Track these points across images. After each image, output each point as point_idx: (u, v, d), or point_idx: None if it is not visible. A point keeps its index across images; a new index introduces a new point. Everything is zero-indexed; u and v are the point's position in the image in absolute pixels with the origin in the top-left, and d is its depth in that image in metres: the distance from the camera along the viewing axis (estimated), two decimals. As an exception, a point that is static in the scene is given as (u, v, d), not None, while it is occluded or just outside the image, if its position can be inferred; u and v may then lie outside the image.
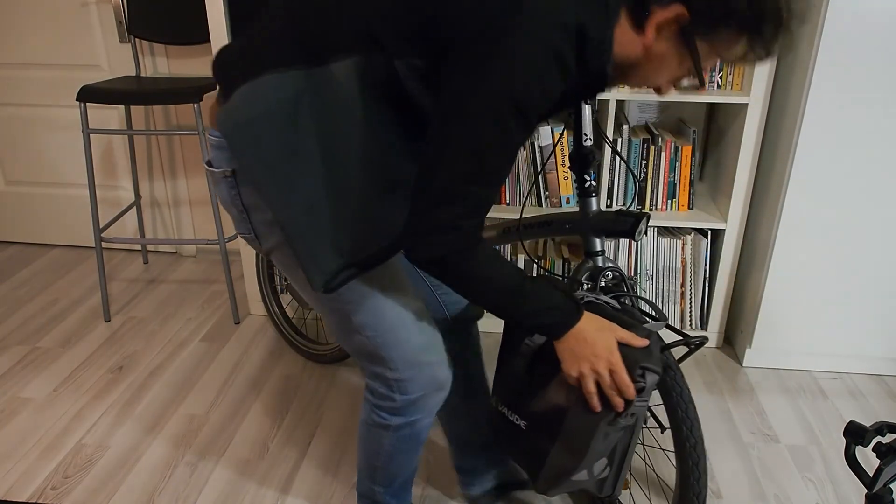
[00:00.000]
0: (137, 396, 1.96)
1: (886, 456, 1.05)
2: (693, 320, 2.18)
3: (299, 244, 0.98)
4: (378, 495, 1.35)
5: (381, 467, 1.29)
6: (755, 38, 0.92)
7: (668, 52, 0.95)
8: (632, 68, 0.99)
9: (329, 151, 0.96)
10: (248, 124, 0.94)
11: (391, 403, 1.18)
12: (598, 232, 1.38)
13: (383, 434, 1.23)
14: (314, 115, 0.95)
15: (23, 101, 2.66)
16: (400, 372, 1.14)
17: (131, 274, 2.70)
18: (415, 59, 0.93)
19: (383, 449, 1.25)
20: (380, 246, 1.02)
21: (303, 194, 0.97)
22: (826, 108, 1.76)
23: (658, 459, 1.72)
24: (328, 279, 1.00)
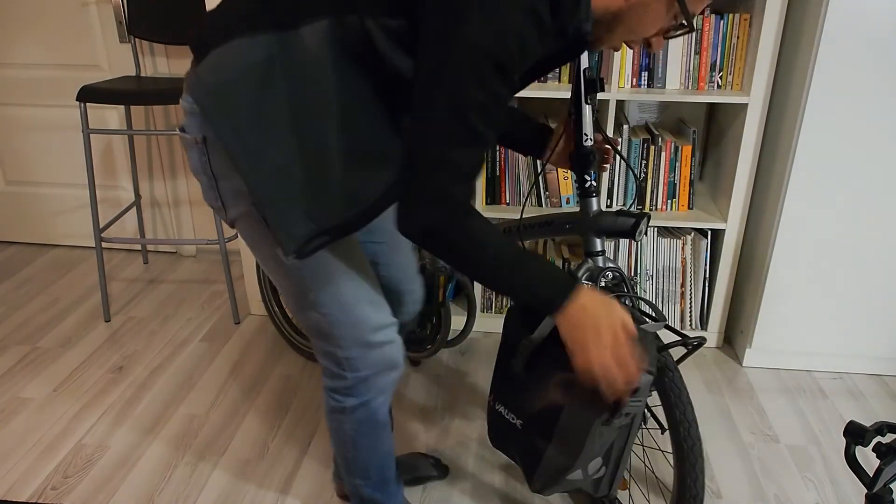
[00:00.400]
0: (137, 396, 1.96)
1: (886, 456, 1.05)
2: (693, 320, 2.18)
3: (270, 210, 0.97)
4: (361, 489, 1.36)
5: (351, 458, 1.31)
6: None
7: None
8: (615, 20, 0.96)
9: (301, 117, 0.95)
10: (218, 89, 0.94)
11: (343, 383, 1.20)
12: (598, 232, 1.38)
13: (342, 419, 1.25)
14: (285, 80, 0.93)
15: (23, 101, 2.67)
16: (350, 350, 1.15)
17: (131, 274, 2.70)
18: (388, 18, 0.91)
19: (347, 436, 1.27)
20: (353, 213, 1.00)
21: (274, 159, 0.95)
22: (826, 108, 1.76)
23: (657, 460, 1.72)
24: (299, 245, 0.99)
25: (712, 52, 1.92)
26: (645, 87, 1.97)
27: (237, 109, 0.94)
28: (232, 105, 0.94)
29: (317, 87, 0.94)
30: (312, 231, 0.99)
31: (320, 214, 0.99)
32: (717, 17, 1.89)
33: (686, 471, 1.28)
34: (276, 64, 0.93)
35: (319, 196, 0.98)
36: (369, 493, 1.36)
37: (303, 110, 0.94)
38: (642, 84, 1.97)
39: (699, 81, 1.96)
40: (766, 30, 1.80)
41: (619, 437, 1.21)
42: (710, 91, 1.94)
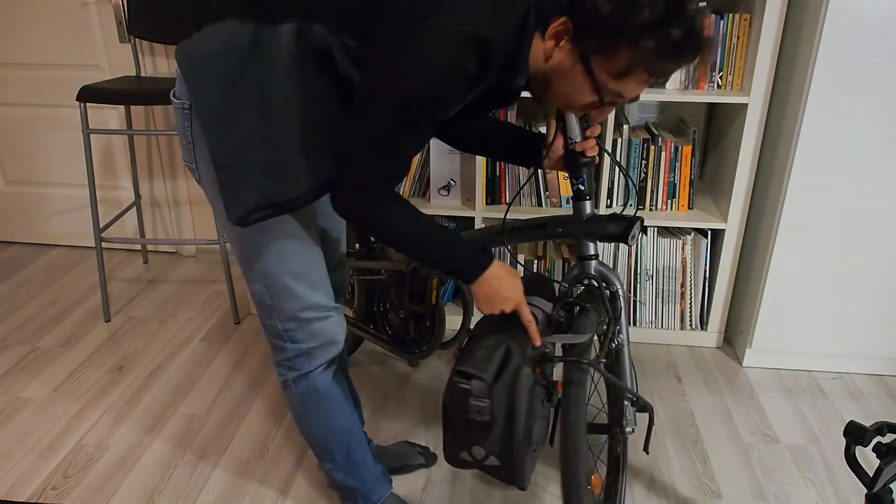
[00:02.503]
0: (137, 396, 1.96)
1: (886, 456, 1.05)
2: (693, 320, 2.18)
3: (224, 175, 1.07)
4: (332, 474, 1.40)
5: (309, 437, 1.36)
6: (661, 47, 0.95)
7: (566, 63, 1.01)
8: (545, 81, 1.06)
9: (266, 100, 1.04)
10: (200, 58, 1.05)
11: (285, 355, 1.28)
12: (590, 236, 1.38)
13: (290, 395, 1.32)
14: (259, 66, 1.04)
15: (23, 101, 2.66)
16: (288, 323, 1.23)
17: (131, 274, 2.70)
18: (346, 38, 1.02)
19: (298, 412, 1.34)
20: (299, 192, 1.09)
21: (237, 131, 1.05)
22: (826, 108, 1.76)
23: (659, 462, 1.72)
24: (243, 213, 1.08)
25: (712, 52, 1.92)
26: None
27: (213, 80, 1.04)
28: (209, 75, 1.04)
29: (283, 78, 1.04)
30: (258, 203, 1.08)
31: (268, 189, 1.08)
32: (717, 17, 1.89)
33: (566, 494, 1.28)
34: (253, 50, 1.03)
35: (270, 173, 1.07)
36: (341, 477, 1.38)
37: (269, 95, 1.05)
38: (642, 84, 1.97)
39: (699, 81, 1.96)
40: (766, 30, 1.80)
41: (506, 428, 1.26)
42: (710, 91, 1.94)
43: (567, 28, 0.98)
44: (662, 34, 0.93)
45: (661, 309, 2.18)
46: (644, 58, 0.95)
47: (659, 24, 0.93)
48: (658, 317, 2.19)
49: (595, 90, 1.01)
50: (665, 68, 0.98)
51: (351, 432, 1.37)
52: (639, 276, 2.14)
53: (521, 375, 1.27)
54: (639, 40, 0.93)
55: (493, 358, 1.24)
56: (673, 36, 0.94)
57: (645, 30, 0.93)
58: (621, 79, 0.99)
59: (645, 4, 0.92)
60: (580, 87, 1.02)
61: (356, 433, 1.38)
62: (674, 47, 0.95)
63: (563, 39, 0.99)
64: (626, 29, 0.93)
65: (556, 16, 0.98)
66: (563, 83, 1.04)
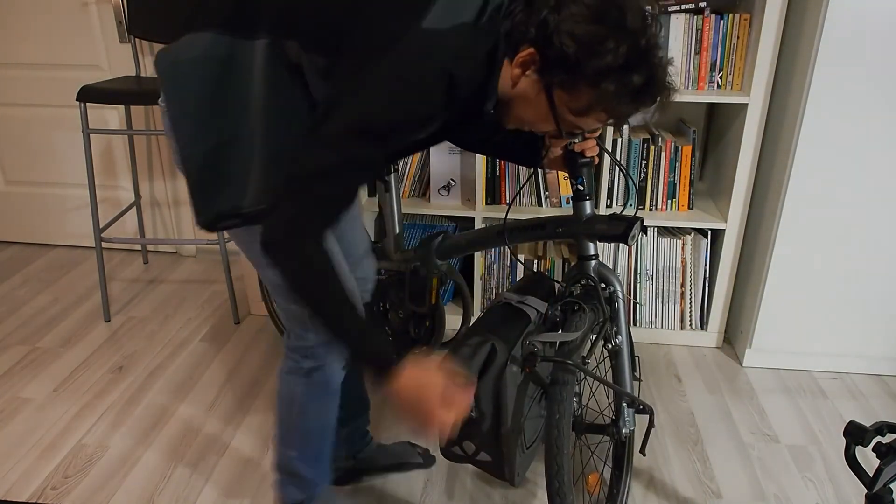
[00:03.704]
0: (137, 396, 1.96)
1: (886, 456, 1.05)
2: (693, 320, 2.18)
3: (192, 180, 1.08)
4: (293, 463, 1.36)
5: (294, 425, 1.33)
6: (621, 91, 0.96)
7: (530, 92, 1.03)
8: (510, 105, 1.07)
9: (238, 112, 1.05)
10: (179, 64, 1.06)
11: (304, 343, 1.24)
12: (590, 236, 1.38)
13: (296, 381, 1.28)
14: (233, 78, 1.05)
15: (23, 101, 2.66)
16: None
17: (131, 274, 2.70)
18: (316, 55, 1.03)
19: (296, 400, 1.30)
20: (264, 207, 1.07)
21: (208, 139, 1.06)
22: (826, 108, 1.77)
23: (657, 464, 1.72)
24: (210, 220, 1.09)
25: (712, 52, 1.92)
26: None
27: (188, 87, 1.06)
28: (185, 82, 1.06)
29: (256, 93, 1.05)
30: (226, 211, 1.08)
31: (235, 199, 1.08)
32: (717, 17, 1.89)
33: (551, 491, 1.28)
34: (230, 62, 1.05)
35: (238, 184, 1.07)
36: (301, 467, 1.36)
37: (241, 108, 1.05)
38: (642, 84, 1.97)
39: (699, 81, 1.96)
40: (766, 30, 1.80)
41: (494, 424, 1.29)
42: (710, 91, 1.94)
43: (534, 59, 0.99)
44: (623, 79, 0.96)
45: (661, 309, 2.18)
46: (604, 99, 0.97)
47: (621, 69, 0.95)
48: (658, 317, 2.19)
49: (555, 121, 1.04)
50: (623, 111, 1.00)
51: (333, 430, 1.37)
52: (639, 276, 2.14)
53: (506, 373, 1.27)
54: (600, 82, 0.96)
55: (477, 355, 1.26)
56: (634, 82, 0.96)
57: (607, 73, 0.95)
58: (580, 116, 1.02)
59: (608, 49, 0.94)
60: (541, 116, 1.05)
61: (335, 431, 1.38)
62: (633, 92, 0.97)
63: (530, 69, 1.01)
64: (589, 70, 0.95)
65: (524, 45, 0.99)
66: (525, 109, 1.06)
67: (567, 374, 1.26)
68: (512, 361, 1.29)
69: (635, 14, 0.95)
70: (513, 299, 1.42)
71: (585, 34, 0.94)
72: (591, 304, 1.39)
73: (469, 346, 1.28)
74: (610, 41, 0.94)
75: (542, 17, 0.96)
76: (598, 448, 1.74)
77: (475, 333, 1.31)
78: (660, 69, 0.98)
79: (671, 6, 1.89)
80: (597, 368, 2.01)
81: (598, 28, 0.94)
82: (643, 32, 0.96)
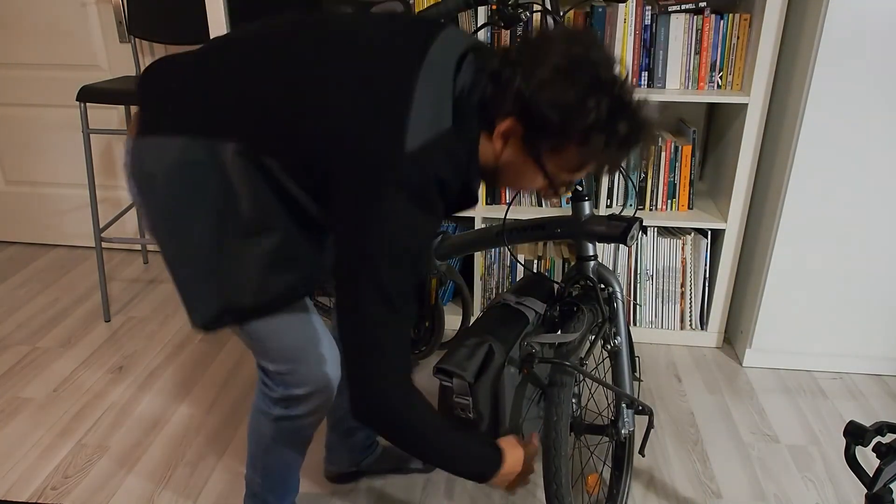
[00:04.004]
0: (137, 396, 1.96)
1: (886, 456, 1.05)
2: (693, 320, 2.18)
3: (182, 286, 1.08)
4: (257, 487, 1.37)
5: (261, 458, 1.32)
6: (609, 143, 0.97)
7: (516, 160, 1.02)
8: (497, 174, 1.06)
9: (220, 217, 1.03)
10: (153, 176, 1.03)
11: (272, 393, 1.22)
12: (589, 237, 1.38)
13: (265, 423, 1.26)
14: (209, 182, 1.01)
15: (23, 101, 2.66)
16: (278, 364, 1.17)
17: (131, 274, 2.70)
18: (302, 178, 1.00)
19: (264, 439, 1.29)
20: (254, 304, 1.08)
21: (190, 246, 1.05)
22: (826, 108, 1.76)
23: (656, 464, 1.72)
24: (207, 321, 1.08)
25: (712, 52, 1.92)
26: (645, 87, 1.97)
27: (166, 197, 1.03)
28: (162, 193, 1.03)
29: (236, 195, 1.02)
30: (217, 310, 1.08)
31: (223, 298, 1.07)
32: (717, 17, 1.89)
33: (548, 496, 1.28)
34: (204, 167, 1.01)
35: (226, 285, 1.06)
36: (264, 493, 1.37)
37: (222, 212, 1.03)
38: (642, 84, 1.97)
39: (699, 81, 1.96)
40: (766, 30, 1.80)
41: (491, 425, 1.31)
42: (710, 91, 1.94)
43: (516, 129, 0.99)
44: (610, 131, 0.96)
45: (661, 309, 2.18)
46: (594, 154, 0.99)
47: (606, 123, 0.96)
48: (658, 317, 2.19)
49: (548, 181, 1.05)
50: (615, 159, 1.01)
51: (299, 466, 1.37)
52: (639, 277, 2.14)
53: (504, 374, 1.27)
54: (588, 139, 0.96)
55: (475, 356, 1.25)
56: (620, 131, 0.97)
57: (593, 130, 0.96)
58: (572, 172, 1.03)
59: (590, 108, 0.94)
60: (532, 178, 1.05)
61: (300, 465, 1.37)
62: (621, 141, 0.98)
63: (512, 138, 1.01)
64: (575, 131, 0.96)
65: (501, 117, 0.99)
66: (514, 175, 1.06)
67: (565, 376, 1.26)
68: (510, 363, 1.29)
69: (606, 66, 0.96)
70: (511, 300, 1.42)
71: (565, 99, 0.94)
72: (589, 304, 1.39)
73: (467, 347, 1.28)
74: (590, 100, 0.94)
75: (515, 87, 0.95)
76: (597, 448, 1.74)
77: (473, 334, 1.31)
78: (640, 111, 0.99)
79: (671, 6, 1.89)
80: (596, 369, 2.01)
81: (576, 90, 0.94)
82: (617, 82, 0.97)
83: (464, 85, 0.99)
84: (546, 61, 0.95)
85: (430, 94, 0.96)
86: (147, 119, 1.05)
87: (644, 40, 1.93)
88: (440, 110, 0.97)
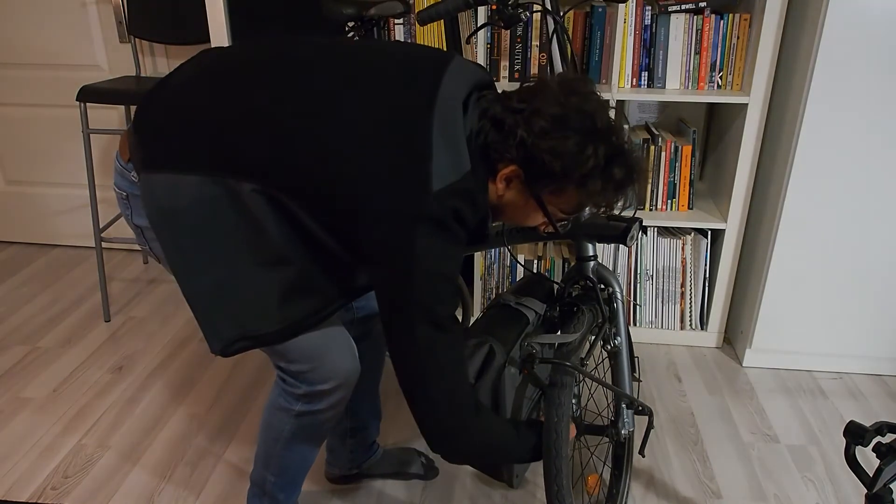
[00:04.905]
0: (137, 396, 1.96)
1: (886, 456, 1.05)
2: (693, 320, 2.18)
3: (200, 314, 1.10)
4: (269, 485, 1.37)
5: (277, 455, 1.33)
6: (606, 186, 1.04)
7: (518, 201, 1.09)
8: (500, 211, 1.12)
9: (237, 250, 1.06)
10: (169, 213, 1.04)
11: (296, 390, 1.24)
12: (589, 237, 1.38)
13: (285, 419, 1.28)
14: (227, 219, 1.04)
15: (23, 101, 2.67)
16: (299, 365, 1.19)
17: (131, 274, 2.70)
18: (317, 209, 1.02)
19: (283, 435, 1.30)
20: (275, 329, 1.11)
21: (208, 279, 1.07)
22: (826, 108, 1.76)
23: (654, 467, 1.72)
24: (224, 346, 1.11)
25: (712, 52, 1.92)
26: (645, 87, 1.97)
27: (182, 234, 1.05)
28: (179, 228, 1.05)
29: (253, 229, 1.04)
30: (235, 336, 1.10)
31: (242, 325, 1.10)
32: (717, 17, 1.89)
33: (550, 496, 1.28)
34: (221, 204, 1.03)
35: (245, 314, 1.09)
36: (275, 490, 1.38)
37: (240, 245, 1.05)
38: (642, 84, 1.97)
39: (699, 81, 1.96)
40: (766, 30, 1.80)
41: None
42: (710, 91, 1.94)
43: (518, 175, 1.04)
44: (607, 175, 1.03)
45: (661, 309, 2.18)
46: (591, 196, 1.05)
47: (604, 168, 1.02)
48: (658, 317, 2.19)
49: (547, 217, 1.10)
50: (611, 200, 1.08)
51: (313, 460, 1.37)
52: (639, 277, 2.14)
53: (504, 375, 1.27)
54: (586, 183, 1.03)
55: (475, 357, 1.25)
56: (616, 175, 1.04)
57: (592, 174, 1.02)
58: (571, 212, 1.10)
59: (589, 155, 1.00)
60: (532, 215, 1.12)
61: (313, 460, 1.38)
62: (617, 184, 1.05)
63: (514, 182, 1.06)
64: (575, 177, 1.02)
65: (504, 163, 1.04)
66: (515, 213, 1.12)
67: (565, 376, 1.26)
68: (510, 363, 1.29)
69: (601, 113, 1.02)
70: (511, 300, 1.42)
71: (565, 147, 1.00)
72: (589, 305, 1.39)
73: (467, 348, 1.28)
74: (588, 147, 1.00)
75: (517, 136, 1.01)
76: (597, 449, 1.74)
77: (473, 335, 1.31)
78: (633, 155, 1.06)
79: (671, 6, 1.88)
80: (596, 369, 2.01)
81: (575, 138, 1.00)
82: (612, 129, 1.03)
83: (472, 127, 1.04)
84: (545, 111, 1.01)
85: (447, 136, 1.00)
86: (153, 155, 1.06)
87: (644, 40, 1.93)
88: (458, 153, 1.01)
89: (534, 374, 1.30)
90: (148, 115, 1.09)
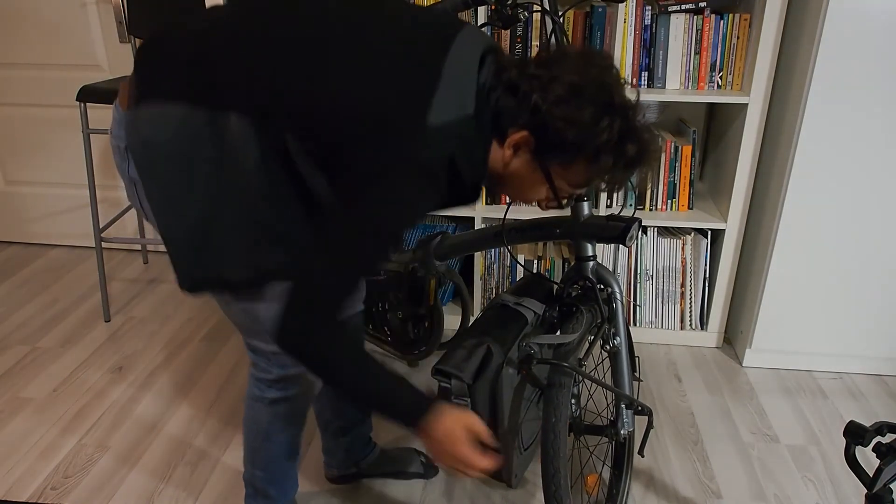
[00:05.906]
0: (137, 396, 1.96)
1: (886, 456, 1.05)
2: (693, 320, 2.18)
3: (173, 250, 1.06)
4: (258, 481, 1.37)
5: (259, 448, 1.33)
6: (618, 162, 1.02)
7: (524, 171, 1.05)
8: (501, 180, 1.09)
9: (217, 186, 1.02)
10: (153, 144, 1.01)
11: (268, 375, 1.23)
12: (588, 237, 1.38)
13: (261, 409, 1.27)
14: (210, 154, 1.00)
15: (23, 101, 2.67)
16: (272, 343, 1.17)
17: (131, 274, 2.70)
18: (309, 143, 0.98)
19: (261, 426, 1.29)
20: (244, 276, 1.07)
21: (185, 214, 1.03)
22: (826, 108, 1.76)
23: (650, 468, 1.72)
24: (193, 284, 1.07)
25: (712, 52, 1.92)
26: (645, 87, 1.97)
27: (164, 168, 1.02)
28: (160, 163, 1.02)
29: (235, 165, 1.01)
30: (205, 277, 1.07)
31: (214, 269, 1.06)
32: (717, 17, 1.89)
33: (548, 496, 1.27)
34: (204, 137, 1.00)
35: (217, 255, 1.06)
36: (266, 486, 1.38)
37: (220, 181, 1.02)
38: (642, 84, 1.97)
39: (699, 81, 1.96)
40: (766, 30, 1.80)
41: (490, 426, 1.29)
42: (710, 91, 1.94)
43: (528, 142, 1.01)
44: (619, 151, 1.01)
45: (661, 309, 2.18)
46: (602, 171, 1.03)
47: (617, 143, 1.00)
48: (658, 317, 2.19)
49: (552, 191, 1.08)
50: (620, 178, 1.06)
51: (298, 451, 1.37)
52: (639, 277, 2.14)
53: (502, 375, 1.27)
54: (599, 157, 1.00)
55: (473, 357, 1.25)
56: (629, 152, 1.01)
57: (604, 148, 1.00)
58: (578, 186, 1.07)
59: (604, 128, 0.98)
60: (537, 189, 1.08)
61: (298, 453, 1.38)
62: (629, 161, 1.03)
63: (523, 149, 1.03)
64: (588, 149, 1.00)
65: (515, 128, 1.01)
66: (520, 185, 1.08)
67: (564, 377, 1.26)
68: (508, 363, 1.29)
69: (619, 88, 1.00)
70: (510, 301, 1.42)
71: (580, 117, 0.97)
72: (588, 305, 1.39)
73: (465, 348, 1.28)
74: (604, 119, 0.98)
75: (532, 101, 0.98)
76: (597, 448, 1.74)
77: (471, 335, 1.31)
78: (647, 134, 1.04)
79: (671, 6, 1.88)
80: (596, 369, 2.01)
81: (591, 109, 0.97)
82: (629, 105, 1.01)
83: (485, 81, 1.01)
84: (563, 79, 0.98)
85: (457, 77, 0.97)
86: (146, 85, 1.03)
87: (644, 40, 1.93)
88: (465, 95, 0.98)
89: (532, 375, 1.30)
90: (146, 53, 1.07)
